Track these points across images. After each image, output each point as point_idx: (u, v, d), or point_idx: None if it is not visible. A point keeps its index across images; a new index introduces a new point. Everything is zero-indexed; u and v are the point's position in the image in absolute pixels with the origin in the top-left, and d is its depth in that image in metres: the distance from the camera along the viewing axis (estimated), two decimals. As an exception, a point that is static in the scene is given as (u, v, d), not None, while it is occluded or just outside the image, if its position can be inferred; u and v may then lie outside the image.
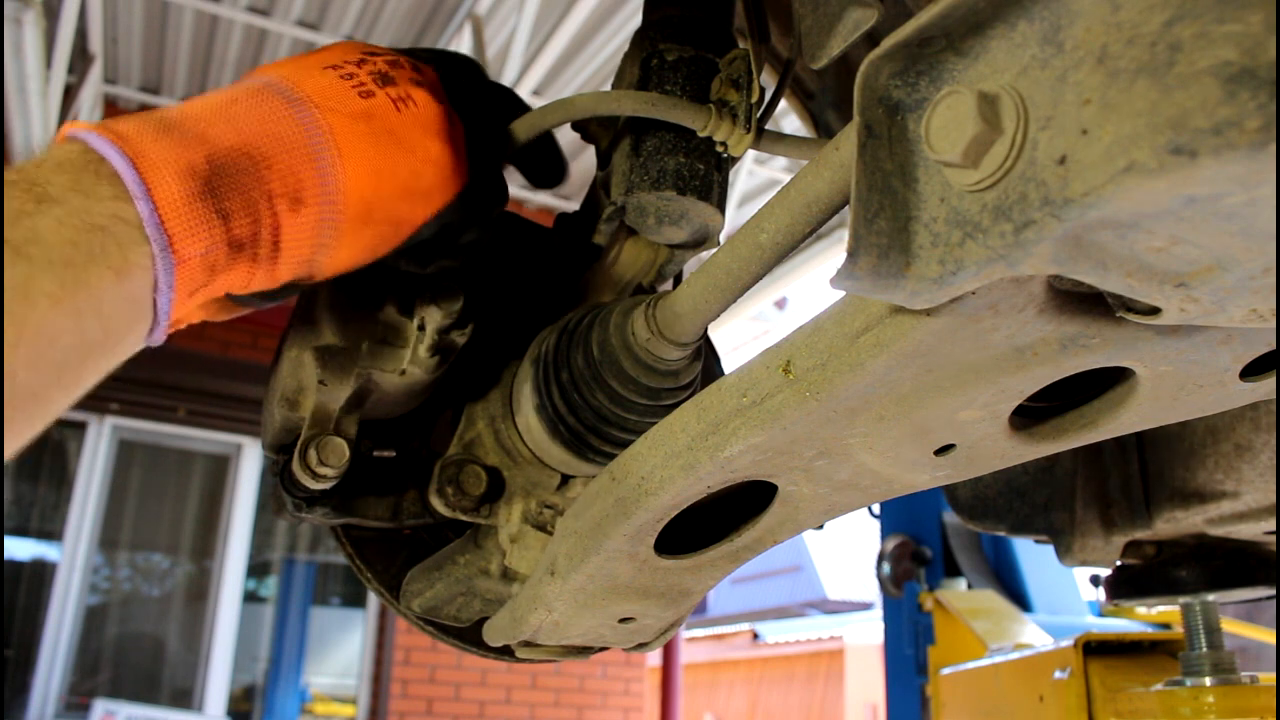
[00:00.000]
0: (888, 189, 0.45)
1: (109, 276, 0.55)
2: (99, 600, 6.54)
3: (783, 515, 0.74)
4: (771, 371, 0.60)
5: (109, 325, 0.56)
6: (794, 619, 19.57)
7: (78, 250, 0.54)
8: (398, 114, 0.70)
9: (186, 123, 0.63)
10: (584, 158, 7.32)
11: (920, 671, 3.48)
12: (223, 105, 0.66)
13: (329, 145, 0.66)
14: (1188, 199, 0.36)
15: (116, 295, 0.56)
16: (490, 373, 0.92)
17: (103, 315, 0.55)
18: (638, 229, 0.91)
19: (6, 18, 3.79)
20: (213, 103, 0.66)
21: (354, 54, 0.74)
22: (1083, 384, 0.60)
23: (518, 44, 5.39)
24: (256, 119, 0.65)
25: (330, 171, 0.66)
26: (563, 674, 7.41)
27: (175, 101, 7.38)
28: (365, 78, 0.71)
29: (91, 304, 0.54)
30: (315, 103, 0.68)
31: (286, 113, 0.66)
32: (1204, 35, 0.34)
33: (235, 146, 0.63)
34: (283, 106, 0.67)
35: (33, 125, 4.66)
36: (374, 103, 0.70)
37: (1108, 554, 1.33)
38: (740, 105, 0.84)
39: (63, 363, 0.54)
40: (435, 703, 6.88)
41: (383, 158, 0.69)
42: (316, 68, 0.71)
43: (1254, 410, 1.15)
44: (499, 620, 0.88)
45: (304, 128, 0.66)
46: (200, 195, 0.60)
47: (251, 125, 0.65)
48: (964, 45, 0.45)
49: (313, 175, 0.65)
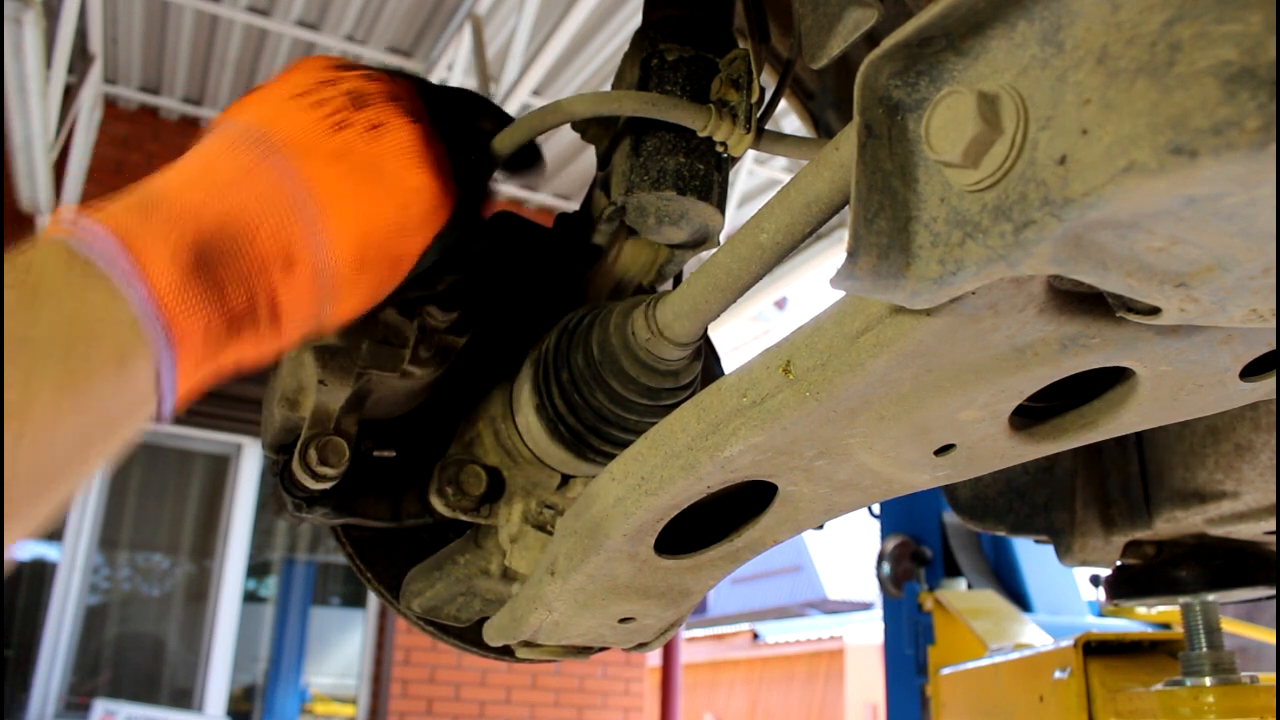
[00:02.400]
0: (888, 189, 0.45)
1: (110, 367, 0.54)
2: (99, 600, 6.54)
3: (783, 515, 0.74)
4: (771, 371, 0.60)
5: (112, 414, 0.56)
6: (794, 619, 19.56)
7: (75, 343, 0.53)
8: (375, 144, 0.68)
9: (169, 198, 0.62)
10: (584, 158, 7.32)
11: (920, 671, 3.48)
12: (202, 169, 0.65)
13: (312, 200, 0.65)
14: (1188, 199, 0.36)
15: (119, 384, 0.55)
16: (490, 372, 0.92)
17: (106, 405, 0.55)
18: (638, 229, 0.91)
19: (6, 18, 3.79)
20: (193, 168, 0.65)
21: (325, 73, 0.72)
22: (1083, 384, 0.60)
23: (518, 44, 5.39)
24: (237, 181, 0.64)
25: (317, 225, 0.65)
26: (563, 674, 7.41)
27: (175, 102, 7.38)
28: (338, 102, 0.69)
29: (94, 396, 0.53)
30: (291, 148, 0.66)
31: (265, 167, 0.65)
32: (1204, 35, 0.34)
33: (221, 217, 0.62)
34: (260, 160, 0.65)
35: (33, 125, 4.65)
36: (349, 136, 0.68)
37: (1108, 554, 1.33)
38: (740, 105, 0.84)
39: (66, 456, 0.53)
40: (435, 703, 6.88)
41: (367, 199, 0.67)
42: (287, 99, 0.69)
43: (1254, 410, 1.15)
44: (499, 620, 0.88)
45: (283, 182, 0.65)
46: (192, 274, 0.59)
47: (233, 189, 0.63)
48: (964, 45, 0.45)
49: (300, 233, 0.64)
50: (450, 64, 6.08)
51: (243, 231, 0.62)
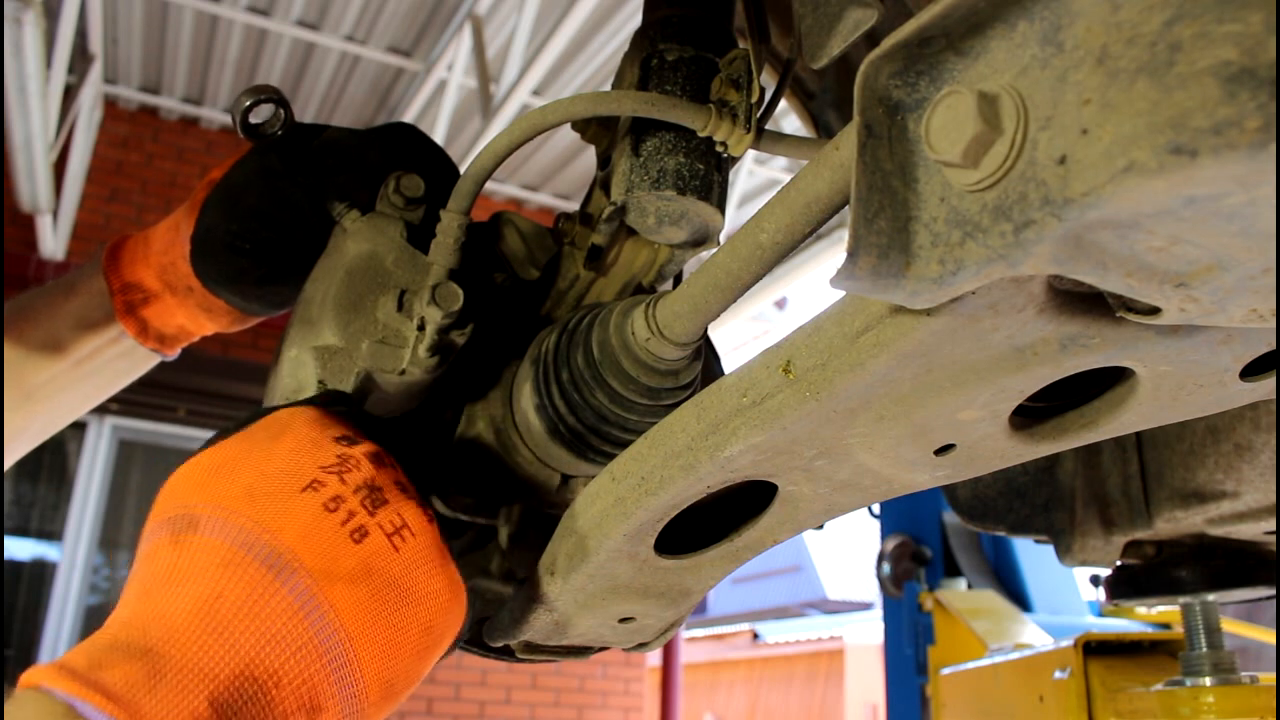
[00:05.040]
0: (888, 189, 0.45)
1: None
2: (99, 600, 6.54)
3: (783, 515, 0.74)
4: (771, 371, 0.60)
5: None
6: (794, 619, 19.57)
7: None
8: (397, 556, 0.61)
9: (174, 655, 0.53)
10: (584, 158, 7.32)
11: (920, 671, 3.48)
12: (207, 605, 0.55)
13: (338, 636, 0.58)
14: (1188, 199, 0.36)
15: None
16: (490, 373, 0.92)
17: None
18: (638, 229, 0.91)
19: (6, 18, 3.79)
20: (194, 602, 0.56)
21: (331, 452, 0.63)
22: (1083, 384, 0.60)
23: (518, 44, 5.39)
24: (250, 615, 0.56)
25: (345, 669, 0.58)
26: (563, 674, 7.41)
27: (175, 102, 7.36)
28: (353, 502, 0.61)
29: None
30: (308, 568, 0.58)
31: (279, 594, 0.57)
32: (1204, 35, 0.34)
33: (237, 673, 0.54)
34: (272, 583, 0.57)
35: (33, 125, 4.66)
36: (370, 547, 0.60)
37: (1108, 554, 1.33)
38: (740, 105, 0.84)
39: None
40: (435, 703, 6.88)
41: (394, 628, 0.60)
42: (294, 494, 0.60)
43: (1254, 410, 1.15)
44: (499, 620, 0.88)
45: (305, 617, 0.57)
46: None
47: (247, 627, 0.55)
48: (964, 45, 0.45)
49: (327, 679, 0.57)
50: (450, 64, 6.08)
51: (265, 688, 0.55)
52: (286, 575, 0.57)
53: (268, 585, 0.57)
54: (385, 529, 0.62)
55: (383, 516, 0.62)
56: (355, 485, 0.62)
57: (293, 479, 0.61)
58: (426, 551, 0.63)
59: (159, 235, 1.02)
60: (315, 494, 0.61)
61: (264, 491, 0.61)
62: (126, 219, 6.78)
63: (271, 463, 0.62)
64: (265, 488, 0.61)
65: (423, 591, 0.62)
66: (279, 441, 0.64)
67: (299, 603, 0.57)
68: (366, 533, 0.61)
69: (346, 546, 0.60)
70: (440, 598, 0.64)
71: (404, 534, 0.62)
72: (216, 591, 0.56)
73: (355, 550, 0.60)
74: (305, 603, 0.57)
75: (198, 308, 1.01)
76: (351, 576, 0.59)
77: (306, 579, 0.58)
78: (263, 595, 0.56)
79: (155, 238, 1.02)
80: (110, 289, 1.02)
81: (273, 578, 0.57)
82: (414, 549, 0.62)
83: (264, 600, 0.56)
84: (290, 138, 0.94)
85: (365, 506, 0.61)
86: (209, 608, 0.55)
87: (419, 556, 0.63)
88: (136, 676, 0.51)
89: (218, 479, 0.62)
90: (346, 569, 0.59)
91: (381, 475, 0.64)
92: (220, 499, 0.61)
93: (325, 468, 0.62)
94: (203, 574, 0.57)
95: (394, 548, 0.61)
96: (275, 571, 0.57)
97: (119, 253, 1.03)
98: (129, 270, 1.02)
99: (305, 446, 0.64)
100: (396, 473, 0.65)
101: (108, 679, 0.51)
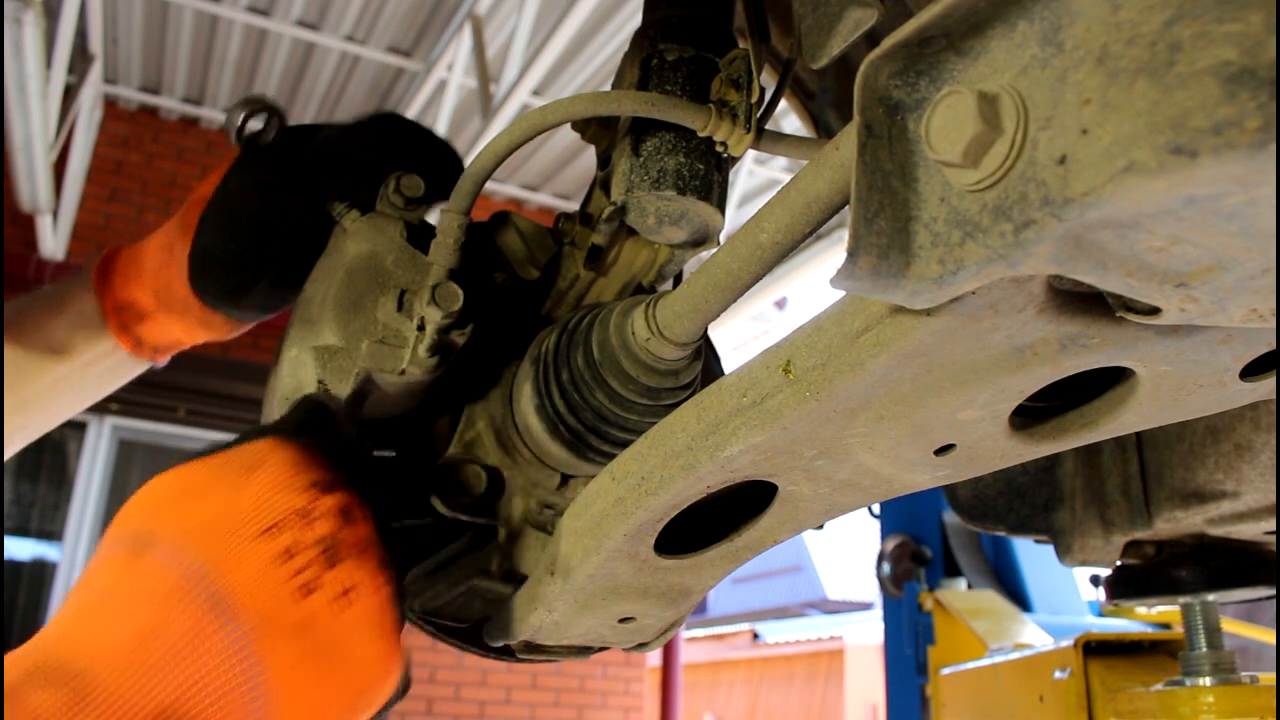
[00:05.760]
0: (888, 189, 0.45)
1: None
2: (99, 600, 6.54)
3: (783, 515, 0.74)
4: (771, 371, 0.60)
5: None
6: (794, 619, 19.58)
7: None
8: (341, 615, 0.61)
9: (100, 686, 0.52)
10: (584, 158, 7.32)
11: (920, 671, 3.49)
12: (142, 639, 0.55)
13: (265, 689, 0.57)
14: (1188, 199, 0.36)
15: None
16: (490, 373, 0.92)
17: None
18: (638, 229, 0.91)
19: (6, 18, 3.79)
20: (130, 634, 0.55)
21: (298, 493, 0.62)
22: (1083, 384, 0.60)
23: (518, 44, 5.39)
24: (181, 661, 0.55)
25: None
26: (563, 674, 7.41)
27: (175, 102, 7.36)
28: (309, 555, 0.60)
29: None
30: (249, 615, 0.57)
31: (215, 642, 0.56)
32: (1204, 35, 0.34)
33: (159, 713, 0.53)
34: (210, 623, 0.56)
35: (33, 125, 4.66)
36: (314, 604, 0.59)
37: (1108, 554, 1.33)
38: (740, 105, 0.84)
39: None
40: (435, 703, 6.89)
41: (323, 689, 0.60)
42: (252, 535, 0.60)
43: (1254, 410, 1.15)
44: (499, 620, 0.88)
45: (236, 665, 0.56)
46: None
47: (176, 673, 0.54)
48: (964, 45, 0.45)
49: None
50: (450, 64, 6.09)
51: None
52: (227, 619, 0.57)
53: (206, 626, 0.56)
54: (334, 588, 0.61)
55: (335, 574, 0.61)
56: (315, 538, 0.61)
57: (254, 521, 0.61)
58: (371, 616, 0.62)
59: (150, 254, 1.01)
60: (272, 541, 0.60)
61: (225, 528, 0.60)
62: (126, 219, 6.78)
63: (239, 498, 0.62)
64: (226, 524, 0.60)
65: (359, 656, 0.61)
66: (251, 477, 0.63)
67: (233, 649, 0.56)
68: (314, 589, 0.60)
69: (291, 600, 0.59)
70: (376, 665, 0.63)
71: (352, 595, 0.61)
72: (154, 625, 0.55)
73: (299, 605, 0.59)
74: (239, 650, 0.56)
75: (196, 323, 1.01)
76: (290, 631, 0.58)
77: (245, 626, 0.57)
78: (199, 636, 0.56)
79: (147, 257, 1.01)
80: (103, 308, 1.01)
81: (212, 619, 0.56)
82: (359, 612, 0.61)
83: (199, 642, 0.56)
84: (284, 143, 0.94)
85: (320, 561, 0.61)
86: (143, 642, 0.55)
87: (363, 620, 0.62)
88: (58, 704, 0.51)
89: (184, 504, 0.62)
90: (287, 623, 0.58)
91: (345, 531, 0.63)
92: (182, 526, 0.60)
93: (290, 513, 0.61)
94: (145, 602, 0.57)
95: (339, 608, 0.60)
96: (216, 614, 0.57)
97: (109, 272, 1.02)
98: (122, 290, 1.01)
99: (276, 488, 0.63)
100: (362, 529, 0.64)
101: (31, 701, 0.50)
